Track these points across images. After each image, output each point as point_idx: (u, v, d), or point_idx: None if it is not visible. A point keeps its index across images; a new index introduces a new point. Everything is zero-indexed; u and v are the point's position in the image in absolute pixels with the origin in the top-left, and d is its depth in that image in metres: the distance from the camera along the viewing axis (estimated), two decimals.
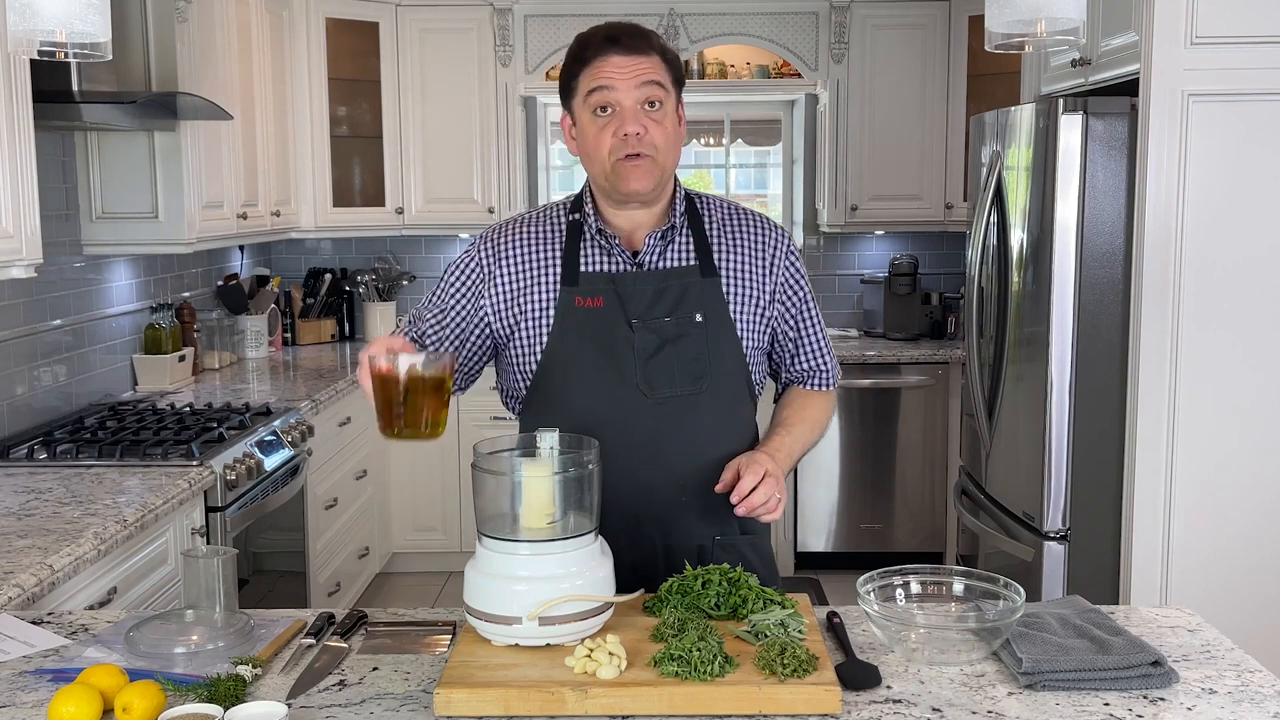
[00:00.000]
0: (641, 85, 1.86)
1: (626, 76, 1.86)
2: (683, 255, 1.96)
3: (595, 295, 1.92)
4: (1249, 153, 2.99)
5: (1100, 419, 3.23)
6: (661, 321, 1.92)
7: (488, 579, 1.61)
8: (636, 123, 1.86)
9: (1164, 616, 1.84)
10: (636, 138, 1.86)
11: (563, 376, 1.94)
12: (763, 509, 1.80)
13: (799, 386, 2.10)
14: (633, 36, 1.89)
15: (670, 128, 1.90)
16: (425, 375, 1.62)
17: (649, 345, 1.91)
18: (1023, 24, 1.86)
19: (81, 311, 3.73)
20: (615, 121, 1.87)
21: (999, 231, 3.57)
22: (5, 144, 2.62)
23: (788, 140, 5.97)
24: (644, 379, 1.91)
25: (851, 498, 5.12)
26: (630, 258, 1.95)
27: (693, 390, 1.92)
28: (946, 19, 5.15)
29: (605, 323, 1.91)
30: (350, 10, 5.02)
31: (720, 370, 1.94)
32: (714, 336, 1.94)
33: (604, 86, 1.86)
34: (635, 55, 1.87)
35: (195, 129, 3.76)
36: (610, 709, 1.47)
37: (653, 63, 1.88)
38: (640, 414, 1.91)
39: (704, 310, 1.93)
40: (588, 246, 1.96)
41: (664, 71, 1.89)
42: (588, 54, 1.89)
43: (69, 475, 2.87)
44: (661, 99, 1.88)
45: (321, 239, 5.49)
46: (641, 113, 1.87)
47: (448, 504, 5.04)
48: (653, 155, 1.88)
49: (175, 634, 1.73)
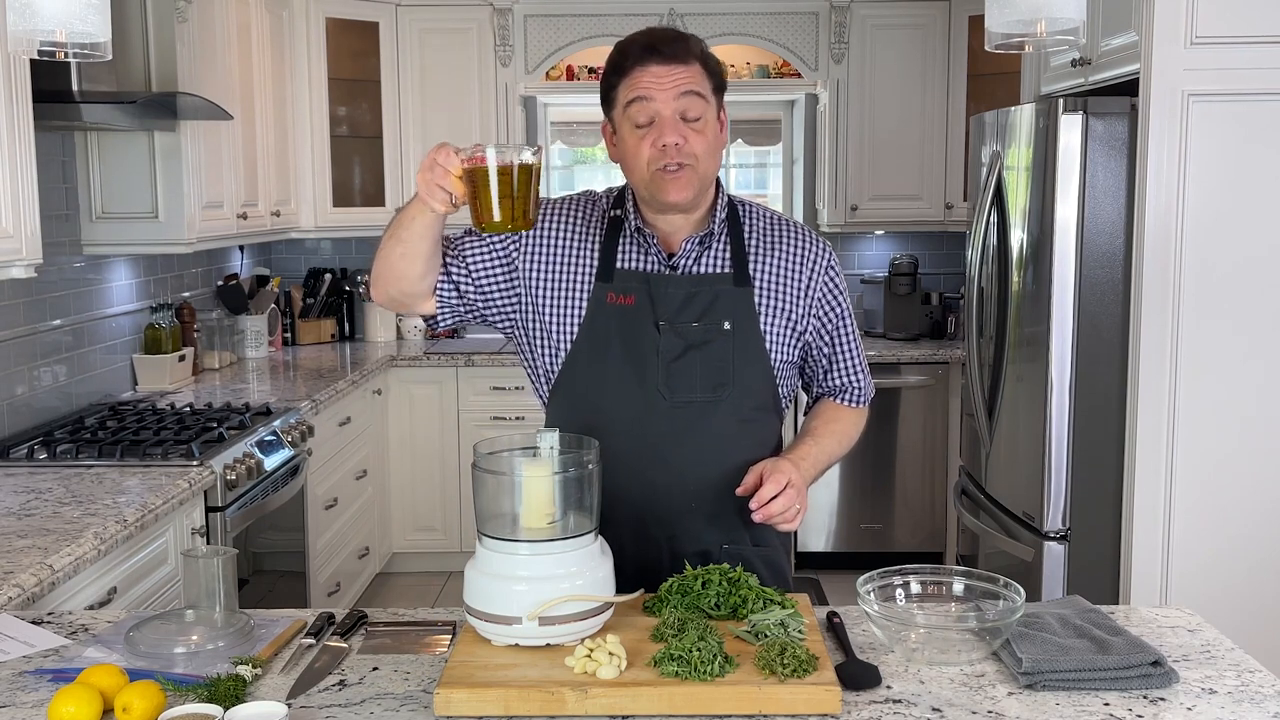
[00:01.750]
0: (680, 96, 1.84)
1: (665, 87, 1.84)
2: (719, 262, 1.96)
3: (628, 293, 1.93)
4: (1249, 153, 2.99)
5: (1100, 419, 3.23)
6: (689, 326, 1.91)
7: (488, 579, 1.61)
8: (675, 133, 1.84)
9: (1164, 616, 1.84)
10: (676, 148, 1.85)
11: (587, 368, 1.93)
12: (780, 518, 1.79)
13: (830, 399, 2.08)
14: (671, 44, 1.85)
15: (711, 136, 1.88)
16: (516, 163, 1.62)
17: (674, 348, 1.91)
18: (1023, 24, 1.85)
19: (81, 311, 3.73)
20: (654, 132, 1.85)
21: (999, 231, 3.58)
22: (5, 144, 2.62)
23: (788, 140, 5.97)
24: (665, 381, 1.91)
25: (851, 498, 5.12)
26: (666, 259, 1.95)
27: (712, 397, 1.92)
28: (946, 19, 5.15)
29: (633, 321, 1.91)
30: (350, 10, 5.02)
31: (743, 380, 1.93)
32: (740, 346, 1.93)
33: (643, 97, 1.85)
34: (674, 64, 1.84)
35: (195, 129, 3.76)
36: (610, 709, 1.47)
37: (692, 72, 1.86)
38: (656, 415, 1.90)
39: (733, 319, 1.93)
40: (626, 243, 1.96)
41: (704, 80, 1.87)
42: (626, 63, 1.87)
43: (69, 475, 2.87)
44: (701, 110, 1.86)
45: (321, 239, 5.49)
46: (681, 123, 1.85)
47: (448, 504, 5.04)
48: (692, 165, 1.87)
49: (175, 634, 1.73)
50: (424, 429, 5.00)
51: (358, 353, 5.15)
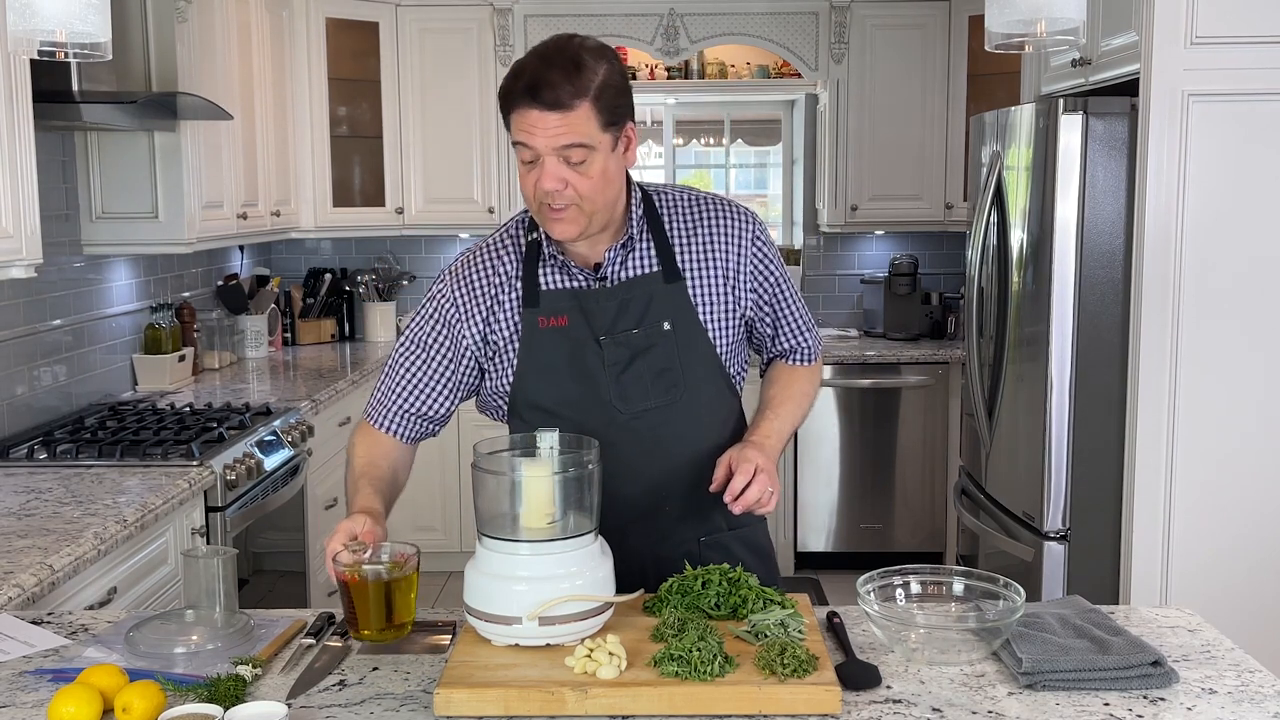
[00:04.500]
0: (561, 148, 1.75)
1: (545, 136, 1.74)
2: (645, 263, 1.92)
3: (559, 314, 1.89)
4: (1249, 153, 2.99)
5: (1100, 419, 3.23)
6: (629, 334, 1.89)
7: (488, 579, 1.61)
8: (555, 179, 1.76)
9: (1164, 616, 1.84)
10: (556, 193, 1.78)
11: (536, 397, 1.91)
12: (756, 505, 1.79)
13: (783, 362, 2.07)
14: (555, 88, 1.72)
15: (598, 176, 1.78)
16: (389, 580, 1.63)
17: (620, 359, 1.88)
18: (1023, 24, 1.86)
19: (81, 311, 3.73)
20: (537, 171, 1.77)
21: (999, 231, 3.58)
22: (5, 144, 2.62)
23: (788, 140, 5.97)
24: (618, 394, 1.89)
25: (851, 498, 5.12)
26: (592, 272, 1.91)
27: (667, 400, 1.90)
28: (946, 19, 5.15)
29: (573, 340, 1.89)
30: (350, 10, 5.02)
31: (694, 376, 1.91)
32: (684, 343, 1.91)
33: (523, 144, 1.77)
34: (556, 111, 1.72)
35: (195, 129, 3.76)
36: (610, 709, 1.47)
37: (575, 119, 1.73)
38: (615, 428, 1.88)
39: (671, 317, 1.90)
40: (547, 265, 1.91)
41: (591, 123, 1.75)
42: (512, 102, 1.76)
43: (69, 475, 2.87)
44: (584, 155, 1.76)
45: (321, 239, 5.49)
46: (563, 166, 1.76)
47: (448, 504, 5.04)
48: (577, 204, 1.80)
49: (175, 634, 1.73)
50: None
51: (358, 353, 5.15)
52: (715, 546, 1.96)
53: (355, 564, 1.63)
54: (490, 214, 5.22)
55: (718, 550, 1.96)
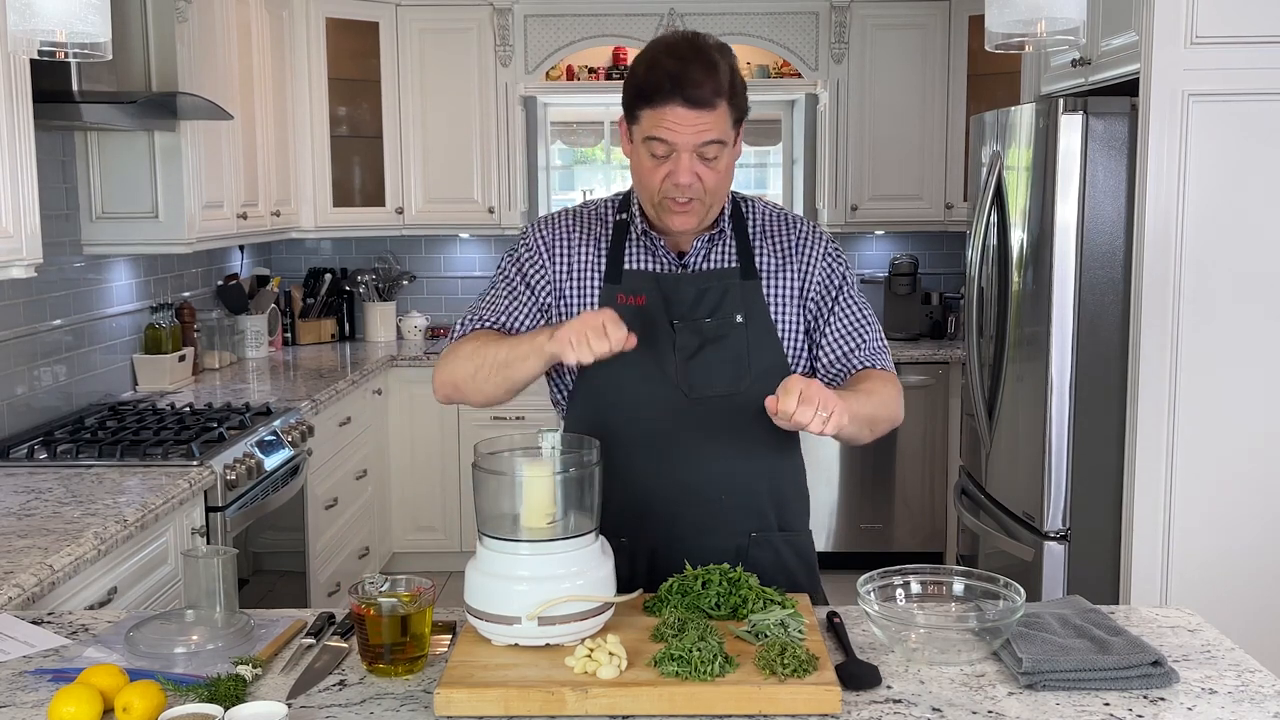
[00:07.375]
0: (702, 144, 1.83)
1: (690, 133, 1.81)
2: (726, 257, 1.97)
3: (638, 293, 1.93)
4: (1249, 153, 2.99)
5: (1100, 419, 3.23)
6: (703, 322, 1.92)
7: (488, 579, 1.61)
8: (690, 173, 1.83)
9: (1164, 616, 1.84)
10: (688, 187, 1.85)
11: (605, 371, 1.91)
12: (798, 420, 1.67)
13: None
14: (700, 86, 1.79)
15: (724, 169, 1.87)
16: (404, 614, 1.60)
17: (690, 345, 1.92)
18: (1023, 24, 1.85)
19: (81, 311, 3.73)
20: (669, 165, 1.84)
21: (999, 231, 3.58)
22: (5, 144, 2.62)
23: (788, 140, 5.97)
24: (684, 378, 1.91)
25: (851, 498, 5.12)
26: (675, 259, 1.96)
27: (730, 391, 1.92)
28: (946, 19, 5.15)
29: (647, 321, 1.91)
30: (350, 10, 5.02)
31: (760, 371, 1.93)
32: (755, 337, 1.94)
33: (663, 139, 1.83)
34: (701, 110, 1.80)
35: (195, 129, 3.76)
36: (610, 709, 1.47)
37: (717, 116, 1.81)
38: (680, 413, 1.91)
39: (745, 311, 1.94)
40: (633, 245, 1.97)
41: (728, 120, 1.83)
42: (655, 98, 1.81)
43: (69, 475, 2.87)
44: (719, 151, 1.84)
45: (321, 239, 5.49)
46: (697, 160, 1.84)
47: (448, 504, 5.04)
48: (701, 198, 1.87)
49: (175, 634, 1.73)
50: (424, 429, 5.00)
51: (358, 353, 5.15)
52: (764, 545, 1.97)
53: (370, 596, 1.62)
54: (490, 214, 5.22)
55: (766, 549, 1.97)
